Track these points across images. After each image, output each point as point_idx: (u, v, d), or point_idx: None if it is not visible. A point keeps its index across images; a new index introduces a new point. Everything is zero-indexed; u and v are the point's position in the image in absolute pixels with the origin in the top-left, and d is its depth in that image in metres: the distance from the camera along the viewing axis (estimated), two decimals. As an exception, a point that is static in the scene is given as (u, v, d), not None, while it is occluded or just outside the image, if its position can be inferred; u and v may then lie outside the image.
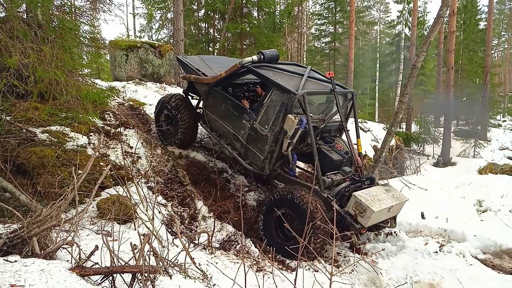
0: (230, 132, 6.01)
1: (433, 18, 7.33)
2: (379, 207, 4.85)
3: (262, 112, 5.48)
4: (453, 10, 14.17)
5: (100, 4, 7.59)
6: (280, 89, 5.34)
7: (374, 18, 40.66)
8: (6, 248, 3.07)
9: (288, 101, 5.19)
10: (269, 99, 5.45)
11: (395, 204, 5.19)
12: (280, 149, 5.39)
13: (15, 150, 5.20)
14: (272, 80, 5.47)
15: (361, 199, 4.88)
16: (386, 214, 5.16)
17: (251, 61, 5.77)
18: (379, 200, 5.00)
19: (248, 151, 5.75)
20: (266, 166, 5.57)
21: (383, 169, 9.45)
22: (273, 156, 5.50)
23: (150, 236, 3.43)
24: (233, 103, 5.97)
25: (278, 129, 5.28)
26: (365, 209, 4.80)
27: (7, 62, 4.61)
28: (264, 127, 5.44)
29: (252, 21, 18.91)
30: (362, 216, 4.83)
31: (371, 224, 4.97)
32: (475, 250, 5.47)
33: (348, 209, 4.98)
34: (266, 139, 5.41)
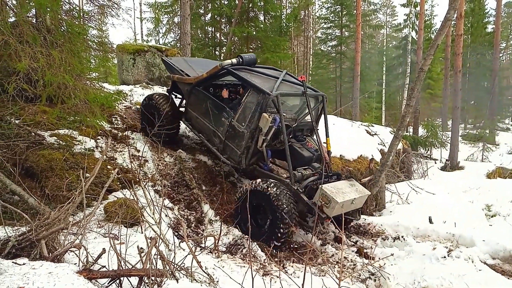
0: (210, 129, 6.42)
1: (440, 22, 7.30)
2: (343, 198, 5.23)
3: (240, 111, 5.94)
4: (460, 13, 14.09)
5: (108, 8, 7.67)
6: (256, 90, 5.79)
7: (381, 21, 40.61)
8: (15, 250, 3.09)
9: (263, 101, 5.66)
10: (246, 99, 5.93)
11: (358, 197, 5.55)
12: (255, 145, 5.85)
13: (24, 153, 5.25)
14: (249, 81, 5.91)
15: (327, 191, 5.25)
16: (349, 206, 5.51)
17: (230, 64, 6.23)
18: (343, 193, 5.38)
19: (226, 146, 6.18)
20: (243, 161, 5.99)
21: (390, 173, 9.39)
22: (249, 151, 5.93)
23: (157, 240, 3.44)
24: (213, 102, 6.37)
25: (254, 127, 5.74)
26: (330, 200, 5.18)
27: (17, 66, 4.66)
28: (241, 124, 5.90)
29: (258, 25, 18.98)
30: (327, 207, 5.22)
31: (335, 214, 5.26)
32: (484, 255, 5.41)
33: (315, 200, 5.33)
34: (243, 136, 5.86)
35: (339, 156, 8.44)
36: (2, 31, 4.77)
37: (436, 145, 14.75)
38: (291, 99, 6.40)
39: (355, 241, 6.01)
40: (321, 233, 6.11)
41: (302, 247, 5.51)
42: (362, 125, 12.79)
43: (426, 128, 15.52)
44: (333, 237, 6.01)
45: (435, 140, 14.71)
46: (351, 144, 9.28)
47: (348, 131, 11.04)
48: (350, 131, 11.15)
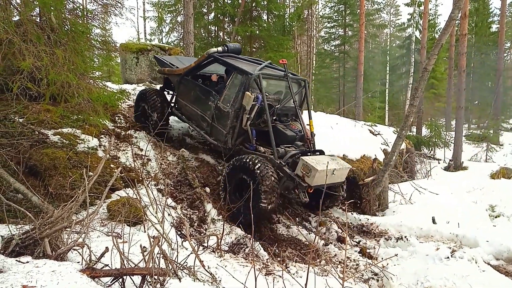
0: (198, 114, 6.78)
1: (444, 21, 7.27)
2: (323, 167, 5.44)
3: (225, 93, 6.33)
4: (465, 12, 14.03)
5: (111, 7, 7.69)
6: (240, 72, 6.21)
7: (384, 21, 40.43)
8: (19, 249, 3.10)
9: (246, 81, 6.02)
10: (231, 81, 6.33)
11: (338, 168, 5.82)
12: (240, 124, 6.15)
13: (28, 152, 5.26)
14: (233, 65, 6.36)
15: (307, 161, 5.53)
16: (330, 178, 5.72)
17: (216, 51, 6.69)
18: (323, 164, 5.60)
19: (213, 128, 6.51)
20: (229, 140, 6.29)
21: (393, 173, 9.36)
22: (235, 131, 6.24)
23: (160, 239, 3.44)
24: (200, 89, 6.77)
25: (238, 106, 6.06)
26: (310, 169, 5.44)
27: (21, 65, 4.68)
28: (226, 105, 6.25)
29: (261, 24, 18.95)
30: (308, 176, 5.46)
31: (316, 183, 5.48)
32: (487, 256, 5.38)
33: (297, 172, 5.59)
34: (228, 115, 6.19)
35: (342, 155, 8.42)
36: (6, 30, 4.79)
37: (440, 145, 14.68)
38: (275, 85, 6.65)
39: (358, 241, 6.00)
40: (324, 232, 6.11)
41: (305, 247, 5.50)
42: (365, 124, 12.77)
43: (430, 128, 15.45)
44: (336, 237, 6.00)
45: (438, 140, 14.65)
46: (354, 144, 9.26)
47: (351, 130, 11.02)
48: (353, 130, 11.13)
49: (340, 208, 7.43)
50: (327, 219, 6.53)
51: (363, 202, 7.57)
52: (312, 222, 6.43)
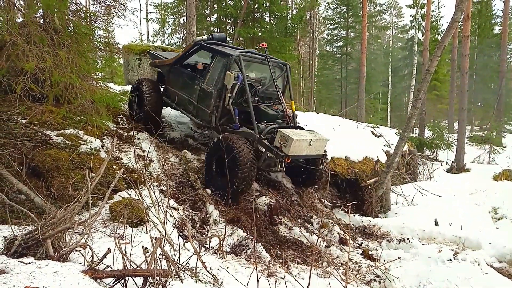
0: (186, 99, 7.13)
1: (447, 23, 7.26)
2: (299, 138, 5.76)
3: (209, 75, 6.72)
4: (467, 14, 14.00)
5: (114, 9, 7.71)
6: (222, 54, 6.64)
7: (387, 22, 40.42)
8: (21, 249, 3.10)
9: (227, 61, 6.42)
10: (214, 64, 6.74)
11: (315, 140, 6.03)
12: (223, 103, 6.49)
13: (30, 153, 5.28)
14: (216, 49, 6.81)
15: (284, 132, 5.83)
16: (308, 149, 5.97)
17: (201, 39, 7.17)
18: (300, 135, 5.92)
19: (198, 110, 6.87)
20: (213, 120, 6.61)
21: (396, 175, 9.34)
22: (218, 110, 6.55)
23: (162, 240, 3.44)
24: (187, 75, 7.15)
25: (220, 86, 6.43)
26: (287, 139, 5.73)
27: (25, 66, 4.70)
28: (209, 86, 6.62)
29: (264, 26, 18.97)
30: (285, 146, 5.74)
31: (293, 153, 5.74)
32: (490, 258, 5.36)
33: (276, 143, 5.88)
34: (211, 95, 6.54)
35: (345, 157, 8.41)
36: (10, 32, 4.81)
37: (442, 146, 14.62)
38: (259, 69, 7.05)
39: (360, 243, 5.99)
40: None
41: (307, 249, 5.50)
42: (368, 126, 12.74)
43: (432, 129, 15.40)
44: (338, 239, 5.99)
45: (441, 141, 14.59)
46: (356, 145, 9.24)
47: (354, 132, 10.99)
48: (356, 132, 11.11)
49: (342, 210, 7.43)
50: (329, 220, 6.52)
51: (365, 203, 7.57)
52: (314, 224, 6.43)
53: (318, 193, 7.53)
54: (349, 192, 8.08)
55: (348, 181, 8.03)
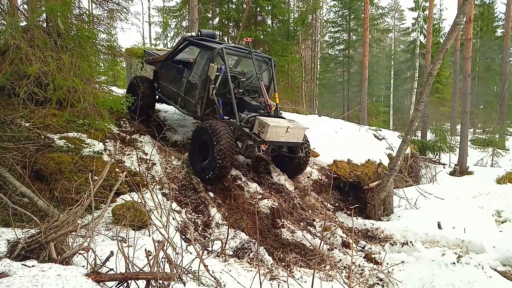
0: (175, 92, 7.46)
1: (449, 25, 7.27)
2: (275, 124, 6.07)
3: (195, 68, 7.08)
4: (469, 17, 13.99)
5: (117, 13, 7.76)
6: (206, 48, 7.03)
7: (389, 25, 40.48)
8: (24, 253, 3.11)
9: (211, 54, 6.78)
10: (199, 57, 7.11)
11: (293, 127, 6.31)
12: (208, 94, 6.80)
13: (34, 156, 5.30)
14: (202, 43, 7.21)
15: (262, 119, 6.16)
16: (286, 136, 6.27)
17: (190, 35, 7.58)
18: (278, 122, 6.24)
19: (185, 101, 7.20)
20: (198, 110, 6.96)
21: (398, 178, 9.31)
22: (203, 101, 6.89)
23: (165, 243, 3.44)
24: (177, 69, 7.49)
25: (205, 77, 6.74)
26: (264, 125, 6.04)
27: (28, 70, 4.72)
28: (195, 78, 6.97)
29: (266, 29, 19.02)
30: (263, 132, 6.06)
31: (269, 139, 6.07)
32: (494, 262, 5.32)
33: (254, 130, 6.20)
34: (196, 86, 6.87)
35: (347, 160, 8.40)
36: (14, 36, 4.84)
37: (445, 149, 14.60)
38: (246, 63, 7.40)
39: (363, 246, 5.97)
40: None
41: (309, 252, 5.48)
42: (370, 129, 12.73)
43: (435, 132, 15.38)
44: (341, 242, 5.97)
45: (443, 144, 14.57)
46: (358, 148, 9.23)
47: (356, 135, 10.99)
48: (358, 135, 11.10)
49: (345, 213, 7.41)
50: (332, 224, 6.51)
51: (368, 206, 7.55)
52: (316, 227, 6.41)
53: (321, 196, 7.51)
54: (352, 195, 8.06)
55: (351, 184, 8.02)
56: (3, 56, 5.19)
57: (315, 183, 7.59)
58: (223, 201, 6.16)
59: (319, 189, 7.61)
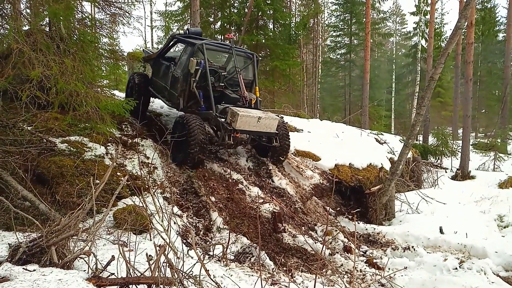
0: (163, 86, 7.86)
1: (451, 30, 7.27)
2: (246, 114, 6.42)
3: (178, 62, 7.48)
4: (471, 21, 14.00)
5: (119, 17, 7.79)
6: (189, 44, 7.47)
7: (390, 29, 40.53)
8: (25, 257, 3.11)
9: (192, 49, 7.22)
10: (183, 52, 7.55)
11: (264, 117, 6.64)
12: (189, 87, 7.14)
13: (36, 160, 5.30)
14: (187, 40, 7.60)
15: (233, 109, 6.52)
16: (257, 125, 6.62)
17: (178, 33, 8.15)
18: (249, 112, 6.56)
19: (170, 94, 7.60)
20: (180, 102, 7.29)
21: (400, 182, 9.29)
22: (185, 94, 7.23)
23: (166, 247, 3.44)
24: (166, 65, 7.85)
25: (186, 71, 7.10)
26: (235, 115, 6.38)
27: (30, 74, 4.74)
28: (177, 72, 7.38)
29: (267, 33, 19.07)
30: (233, 121, 6.39)
31: (240, 128, 6.41)
32: (496, 267, 5.29)
33: (227, 119, 6.55)
34: (179, 80, 7.26)
35: (349, 164, 8.39)
36: (17, 40, 4.86)
37: (447, 154, 14.55)
38: (230, 60, 7.77)
39: (365, 250, 5.95)
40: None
41: (311, 257, 5.46)
42: (372, 133, 12.72)
43: (437, 136, 15.35)
44: (342, 247, 5.95)
45: (445, 149, 14.53)
46: (360, 152, 9.22)
47: (357, 139, 10.98)
48: (359, 139, 11.09)
49: (347, 217, 7.39)
50: (333, 228, 6.49)
51: (369, 211, 7.53)
52: (318, 231, 6.40)
53: (322, 201, 7.50)
54: (353, 200, 8.05)
55: (352, 189, 8.00)
56: (6, 60, 5.22)
57: (317, 188, 7.57)
58: (224, 205, 6.15)
59: (321, 194, 7.60)
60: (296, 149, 8.42)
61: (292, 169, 7.76)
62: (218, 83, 7.25)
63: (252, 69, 7.82)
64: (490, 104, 31.35)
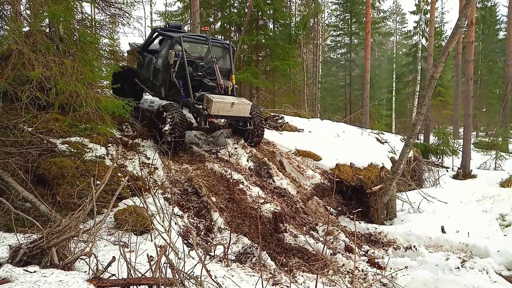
0: (147, 77, 8.41)
1: (451, 28, 7.25)
2: (220, 100, 6.99)
3: (160, 55, 8.06)
4: (471, 20, 13.96)
5: (119, 17, 7.78)
6: (168, 37, 8.04)
7: (390, 29, 40.48)
8: (26, 258, 3.11)
9: (171, 42, 7.79)
10: (163, 46, 8.12)
11: (237, 103, 7.21)
12: (169, 77, 7.68)
13: (36, 161, 5.30)
14: (166, 33, 8.14)
15: (208, 95, 7.09)
16: (231, 110, 7.19)
17: (159, 27, 8.79)
18: (223, 98, 7.14)
19: (153, 84, 8.22)
20: (162, 91, 7.95)
21: (401, 181, 9.27)
22: (166, 83, 7.82)
23: (167, 248, 3.42)
24: (149, 58, 8.42)
25: (166, 62, 7.68)
26: (210, 101, 6.95)
27: (30, 75, 4.73)
28: (158, 63, 7.98)
29: (267, 33, 19.04)
30: (209, 107, 6.95)
31: (214, 113, 6.95)
32: (498, 266, 5.28)
33: (203, 106, 7.13)
34: (160, 71, 7.90)
35: (349, 164, 8.37)
36: (17, 41, 4.85)
37: (448, 153, 14.49)
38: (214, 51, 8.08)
39: (366, 250, 5.93)
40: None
41: (312, 257, 5.45)
42: (372, 132, 12.70)
43: (437, 135, 15.30)
44: (343, 246, 5.94)
45: (446, 148, 14.47)
46: (361, 152, 9.20)
47: (358, 138, 10.96)
48: (360, 138, 11.08)
49: (348, 217, 7.38)
50: (334, 228, 6.48)
51: (370, 210, 7.51)
52: (319, 231, 6.38)
53: (324, 200, 7.48)
54: (355, 199, 8.03)
55: (354, 188, 7.99)
56: (6, 61, 5.21)
57: (318, 187, 7.56)
58: (225, 205, 6.14)
59: (322, 193, 7.59)
60: (297, 149, 8.41)
61: (293, 169, 7.74)
62: (196, 72, 7.83)
63: (229, 58, 8.40)
64: (491, 103, 31.28)
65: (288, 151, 8.29)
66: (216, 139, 8.47)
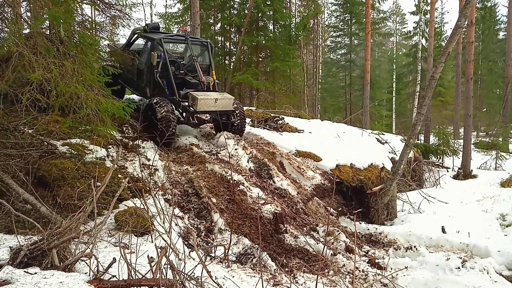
0: (130, 78, 8.78)
1: (451, 29, 7.26)
2: (204, 96, 7.41)
3: (142, 57, 8.41)
4: (471, 20, 13.97)
5: (119, 19, 7.81)
6: (149, 39, 8.31)
7: (390, 29, 40.48)
8: (27, 260, 3.11)
9: (152, 44, 8.09)
10: (145, 47, 8.44)
11: (220, 98, 7.68)
12: (153, 77, 7.99)
13: (36, 163, 5.31)
14: (147, 35, 8.43)
15: (193, 93, 7.51)
16: (215, 105, 7.62)
17: (138, 29, 8.71)
18: (207, 95, 7.57)
19: (137, 85, 8.61)
20: (147, 91, 8.30)
21: (402, 182, 9.27)
22: (151, 83, 8.15)
23: (167, 249, 3.43)
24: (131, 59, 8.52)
25: (149, 64, 8.00)
26: (195, 99, 7.34)
27: (31, 77, 4.73)
28: (142, 65, 8.31)
29: (267, 34, 19.08)
30: (194, 104, 7.37)
31: (200, 109, 7.41)
32: (499, 266, 5.28)
33: (188, 103, 7.54)
34: (144, 72, 8.25)
35: (350, 164, 8.37)
36: (17, 43, 4.86)
37: (448, 153, 14.49)
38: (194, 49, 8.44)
39: (367, 250, 5.93)
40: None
41: (313, 257, 5.45)
42: (373, 133, 12.70)
43: (438, 136, 15.30)
44: (344, 247, 5.94)
45: (447, 148, 14.47)
46: (361, 152, 9.21)
47: (359, 139, 10.97)
48: (361, 139, 11.08)
49: (348, 218, 7.38)
50: (335, 228, 6.48)
51: (371, 211, 7.52)
52: (320, 232, 6.38)
53: (324, 201, 7.49)
54: (355, 200, 8.03)
55: (354, 189, 7.99)
56: (6, 63, 5.22)
57: (318, 188, 7.56)
58: (225, 206, 6.15)
59: (322, 194, 7.59)
60: (297, 150, 8.41)
61: (293, 169, 7.75)
62: (179, 71, 8.15)
63: (208, 55, 8.77)
64: (491, 103, 31.31)
65: (289, 152, 8.30)
66: (216, 141, 8.43)
